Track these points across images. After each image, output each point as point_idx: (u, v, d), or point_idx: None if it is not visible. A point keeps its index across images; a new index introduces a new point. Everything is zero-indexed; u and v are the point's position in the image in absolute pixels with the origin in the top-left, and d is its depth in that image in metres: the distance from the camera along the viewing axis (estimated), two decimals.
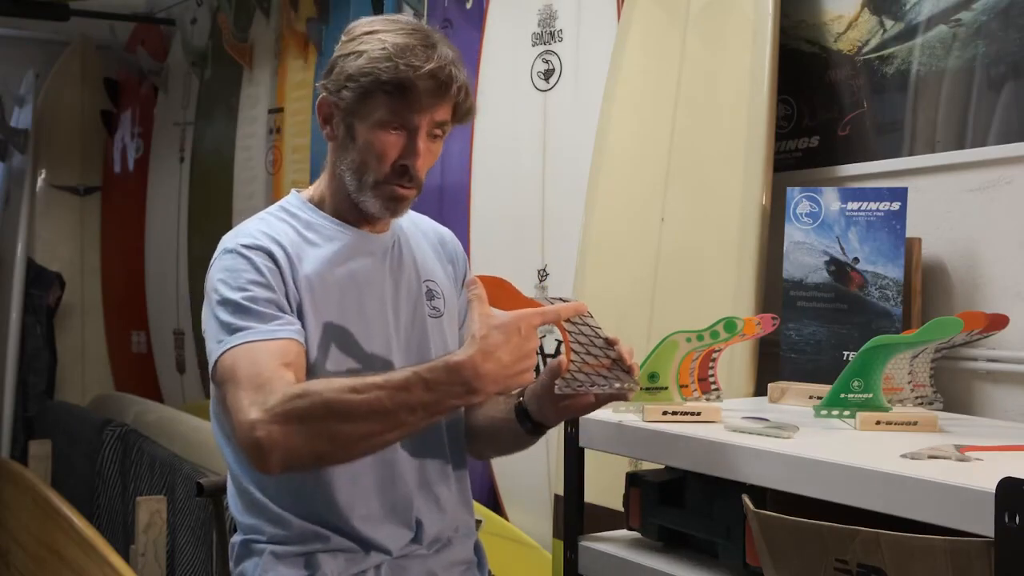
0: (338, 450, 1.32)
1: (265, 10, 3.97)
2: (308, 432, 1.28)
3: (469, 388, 1.25)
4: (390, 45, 1.44)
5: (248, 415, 1.29)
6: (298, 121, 3.74)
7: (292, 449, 1.28)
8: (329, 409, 1.28)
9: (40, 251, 5.08)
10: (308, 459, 1.33)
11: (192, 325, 4.45)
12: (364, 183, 1.50)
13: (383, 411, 1.27)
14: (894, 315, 1.74)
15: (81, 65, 5.19)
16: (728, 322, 1.52)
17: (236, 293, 1.42)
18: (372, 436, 1.29)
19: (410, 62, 1.43)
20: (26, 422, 4.89)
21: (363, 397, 1.27)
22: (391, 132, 1.46)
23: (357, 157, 1.49)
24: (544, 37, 2.59)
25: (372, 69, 1.44)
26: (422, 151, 1.47)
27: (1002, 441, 1.40)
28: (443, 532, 1.57)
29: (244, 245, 1.46)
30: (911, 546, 1.08)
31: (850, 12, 1.96)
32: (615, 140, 2.24)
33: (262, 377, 1.33)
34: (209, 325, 1.44)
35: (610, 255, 2.22)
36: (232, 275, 1.44)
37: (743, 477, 1.34)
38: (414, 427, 1.30)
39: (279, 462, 1.29)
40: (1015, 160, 1.72)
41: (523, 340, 1.26)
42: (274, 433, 1.27)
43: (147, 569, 3.01)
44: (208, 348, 1.43)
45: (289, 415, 1.28)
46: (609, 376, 1.38)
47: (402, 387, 1.27)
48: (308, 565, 1.49)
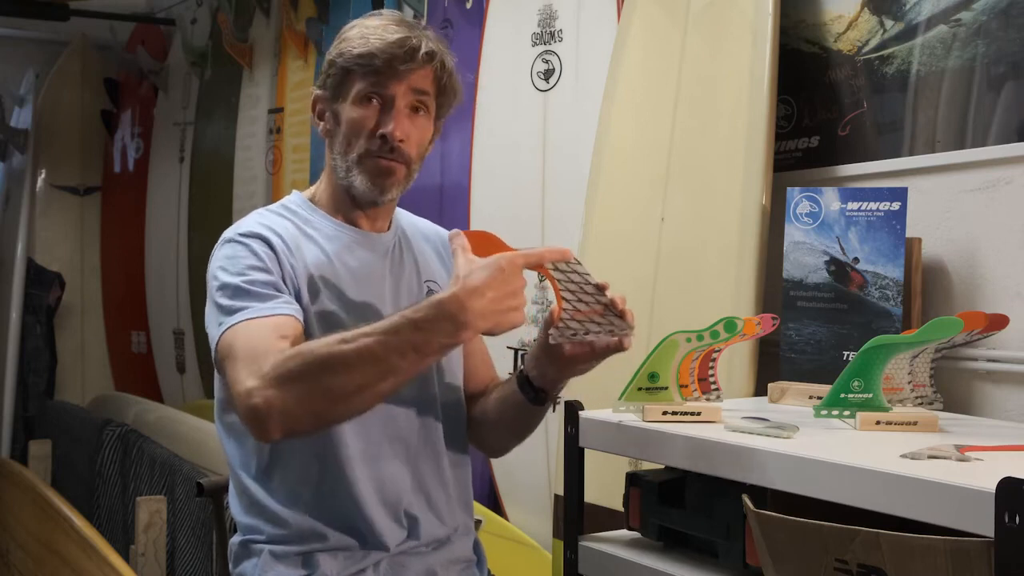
0: (335, 405, 1.31)
1: (265, 10, 3.97)
2: (303, 391, 1.28)
3: (456, 323, 1.25)
4: (367, 27, 1.51)
5: (244, 384, 1.30)
6: (298, 121, 3.74)
7: (289, 411, 1.28)
8: (321, 364, 1.27)
9: (40, 251, 5.08)
10: (307, 419, 1.31)
11: (192, 325, 4.45)
12: (350, 162, 1.52)
13: (374, 358, 1.26)
14: (894, 315, 1.74)
15: (81, 65, 5.18)
16: (728, 322, 1.52)
17: (235, 277, 1.44)
18: (367, 386, 1.28)
19: (381, 36, 1.48)
20: (26, 422, 4.89)
21: (353, 346, 1.27)
22: (368, 105, 1.50)
23: (343, 139, 1.52)
24: (544, 37, 2.59)
25: (346, 50, 1.50)
26: (400, 120, 1.50)
27: (1002, 441, 1.40)
28: (440, 531, 1.58)
29: (242, 234, 1.49)
30: (911, 546, 1.08)
31: (850, 12, 1.96)
32: (615, 140, 2.24)
33: (258, 349, 1.33)
34: (209, 312, 1.45)
35: (610, 255, 2.22)
36: (231, 261, 1.46)
37: (743, 477, 1.34)
38: (407, 372, 1.29)
39: (278, 426, 1.29)
40: (1015, 160, 1.72)
41: (508, 276, 1.27)
42: (270, 397, 1.27)
43: (147, 569, 3.01)
44: (210, 335, 1.44)
45: (283, 377, 1.28)
46: (603, 323, 1.37)
47: (390, 331, 1.27)
48: (307, 564, 1.49)
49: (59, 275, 5.05)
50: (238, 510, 1.56)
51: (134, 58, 4.97)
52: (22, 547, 3.79)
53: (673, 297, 2.07)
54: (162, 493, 3.25)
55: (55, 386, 5.03)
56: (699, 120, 2.06)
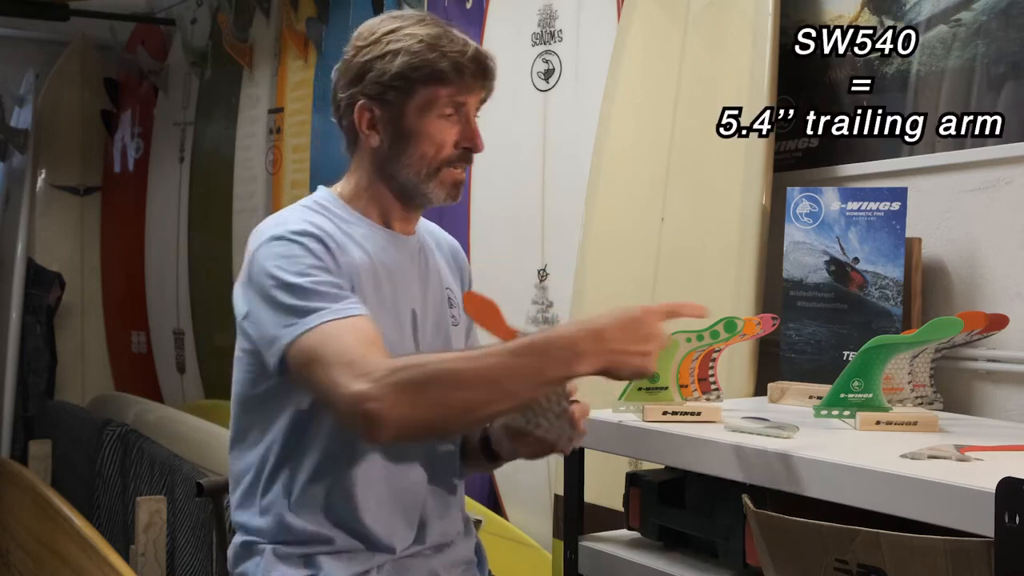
0: (449, 419, 1.32)
1: (265, 10, 3.97)
2: (421, 401, 1.29)
3: (573, 352, 1.26)
4: (424, 36, 1.49)
5: (351, 388, 1.29)
6: (298, 121, 3.74)
7: (405, 418, 1.28)
8: (441, 378, 1.29)
9: (40, 251, 5.08)
10: (420, 428, 1.33)
11: (192, 325, 4.45)
12: (427, 174, 1.52)
13: (494, 378, 1.28)
14: (894, 315, 1.74)
15: (81, 65, 5.18)
16: (728, 322, 1.52)
17: (299, 277, 1.41)
18: (482, 405, 1.30)
19: (452, 48, 1.48)
20: (26, 422, 4.89)
21: (474, 365, 1.29)
22: (446, 118, 1.50)
23: (416, 150, 1.51)
24: (544, 37, 2.59)
25: (422, 62, 1.48)
26: (478, 131, 1.52)
27: (1002, 441, 1.40)
28: (447, 533, 1.58)
29: (293, 231, 1.45)
30: (911, 546, 1.08)
31: (850, 12, 1.96)
32: (615, 140, 2.24)
33: (353, 353, 1.33)
34: (263, 311, 1.42)
35: (610, 255, 2.22)
36: (288, 261, 1.42)
37: (743, 477, 1.34)
38: (521, 397, 1.32)
39: (392, 432, 1.29)
40: (1015, 160, 1.72)
41: (639, 324, 1.28)
42: (387, 403, 1.27)
43: (147, 569, 3.01)
44: (268, 334, 1.41)
45: (402, 385, 1.28)
46: (555, 423, 1.39)
47: (511, 354, 1.29)
48: (309, 565, 1.49)
49: (59, 275, 5.05)
50: (241, 511, 1.55)
51: (134, 58, 4.97)
52: (22, 547, 3.79)
53: (673, 297, 2.06)
54: (162, 493, 3.25)
55: (55, 386, 5.03)
56: (699, 120, 2.06)
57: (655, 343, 1.30)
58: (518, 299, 2.61)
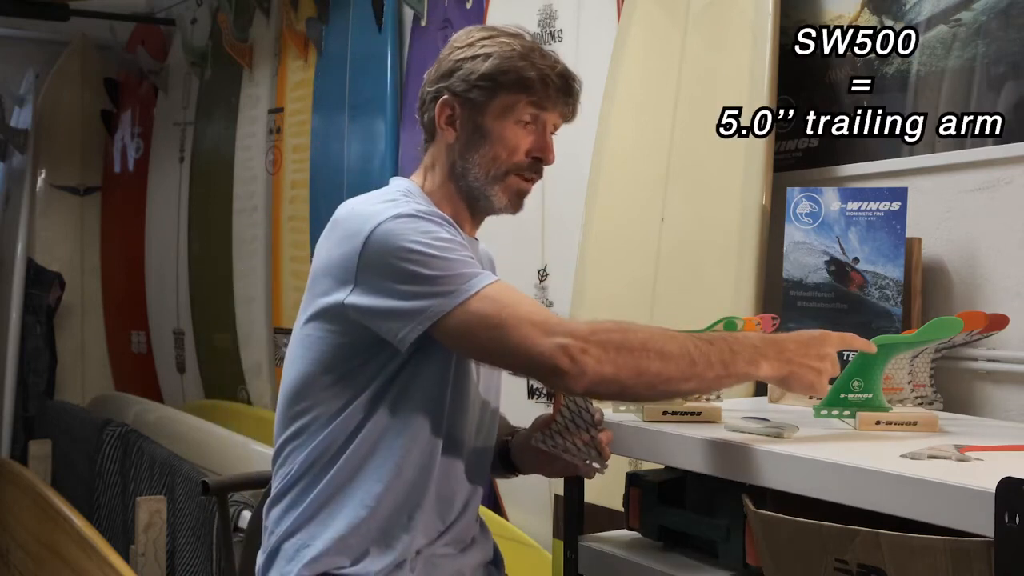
0: (641, 385, 1.36)
1: (265, 10, 3.97)
2: (622, 361, 1.33)
3: (757, 352, 1.36)
4: (518, 46, 1.54)
5: (553, 341, 1.33)
6: (298, 121, 3.73)
7: (605, 374, 1.33)
8: (643, 345, 1.34)
9: (40, 251, 5.08)
10: (615, 387, 1.36)
11: (192, 325, 4.45)
12: (495, 176, 1.54)
13: (689, 358, 1.34)
14: (894, 315, 1.74)
15: (81, 65, 5.19)
16: (728, 322, 1.52)
17: (443, 250, 1.41)
18: (674, 380, 1.35)
19: (543, 61, 1.53)
20: (26, 422, 4.89)
21: (675, 341, 1.35)
22: (524, 126, 1.54)
23: (488, 151, 1.54)
24: (544, 37, 2.59)
25: (510, 67, 1.52)
26: (552, 145, 1.57)
27: (1002, 441, 1.40)
28: (469, 529, 1.58)
29: (420, 211, 1.45)
30: (911, 546, 1.08)
31: (850, 12, 1.96)
32: (615, 140, 2.24)
33: (539, 313, 1.38)
34: (399, 288, 1.40)
35: (610, 255, 2.22)
36: (426, 235, 1.42)
37: (743, 477, 1.34)
38: (708, 382, 1.37)
39: (588, 384, 1.34)
40: (1015, 160, 1.72)
41: (817, 343, 1.39)
42: (592, 357, 1.33)
43: (147, 569, 3.01)
44: (409, 307, 1.40)
45: (607, 343, 1.34)
46: (583, 449, 1.47)
47: (708, 340, 1.36)
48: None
49: (59, 275, 5.05)
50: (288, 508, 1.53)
51: (134, 58, 4.97)
52: (22, 547, 3.79)
53: (673, 297, 2.07)
54: (162, 493, 3.25)
55: (55, 386, 5.03)
56: (699, 120, 2.06)
57: (830, 364, 1.39)
58: None
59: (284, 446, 1.53)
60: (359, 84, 3.40)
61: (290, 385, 1.53)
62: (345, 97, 3.46)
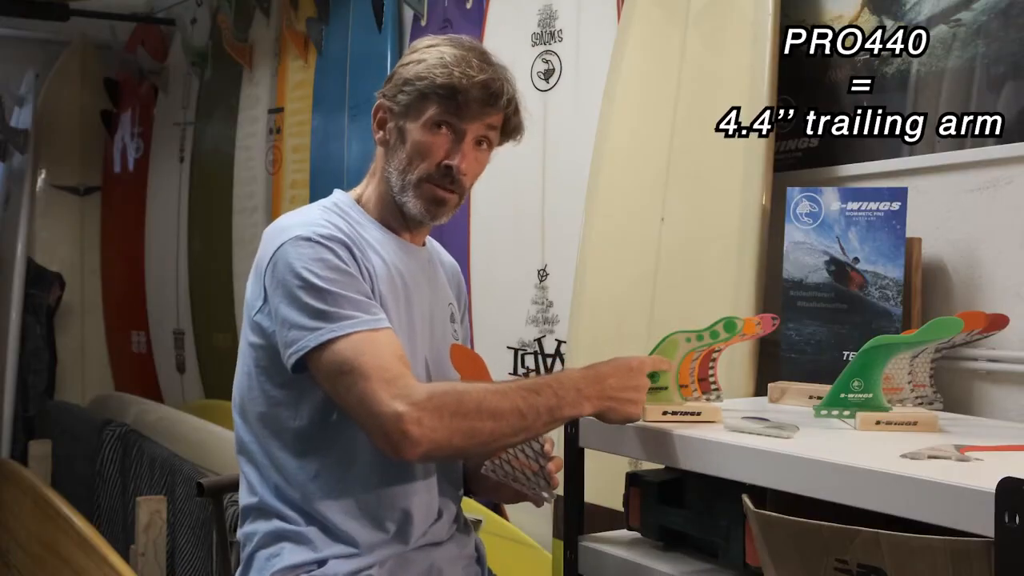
0: (475, 445, 1.40)
1: (265, 10, 3.96)
2: (455, 427, 1.36)
3: (580, 395, 1.39)
4: (448, 55, 1.53)
5: (391, 407, 1.35)
6: (298, 121, 3.73)
7: (439, 441, 1.35)
8: (476, 408, 1.36)
9: (40, 251, 5.08)
10: (448, 450, 1.39)
11: (192, 325, 4.45)
12: (408, 182, 1.55)
13: (519, 413, 1.37)
14: (894, 315, 1.74)
15: (81, 65, 5.18)
16: (728, 322, 1.52)
17: (327, 283, 1.43)
18: (506, 436, 1.39)
19: (464, 71, 1.51)
20: (26, 422, 4.89)
21: (504, 400, 1.37)
22: (439, 133, 1.53)
23: (404, 157, 1.55)
24: (544, 37, 2.59)
25: (428, 74, 1.52)
26: (467, 154, 1.54)
27: (1002, 441, 1.40)
28: (447, 528, 1.59)
29: (321, 235, 1.47)
30: (911, 546, 1.08)
31: (850, 12, 1.96)
32: (615, 140, 2.24)
33: (391, 371, 1.38)
34: (286, 310, 1.44)
35: (610, 255, 2.22)
36: (317, 263, 1.44)
37: (743, 477, 1.34)
38: (537, 431, 1.41)
39: (422, 452, 1.36)
40: (1015, 160, 1.72)
41: (632, 374, 1.42)
42: (425, 427, 1.34)
43: (147, 569, 3.01)
44: (289, 334, 1.43)
45: (441, 409, 1.35)
46: (531, 479, 1.49)
47: (532, 391, 1.38)
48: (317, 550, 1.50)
49: (59, 275, 5.05)
50: (253, 503, 1.55)
51: (134, 58, 4.97)
52: (22, 547, 3.79)
53: (673, 297, 2.07)
54: (162, 493, 3.25)
55: (55, 386, 5.03)
56: (699, 120, 2.06)
57: (643, 394, 1.44)
58: (518, 299, 2.61)
59: (238, 457, 1.57)
60: (359, 84, 3.40)
61: (235, 399, 1.58)
62: (345, 97, 3.47)
